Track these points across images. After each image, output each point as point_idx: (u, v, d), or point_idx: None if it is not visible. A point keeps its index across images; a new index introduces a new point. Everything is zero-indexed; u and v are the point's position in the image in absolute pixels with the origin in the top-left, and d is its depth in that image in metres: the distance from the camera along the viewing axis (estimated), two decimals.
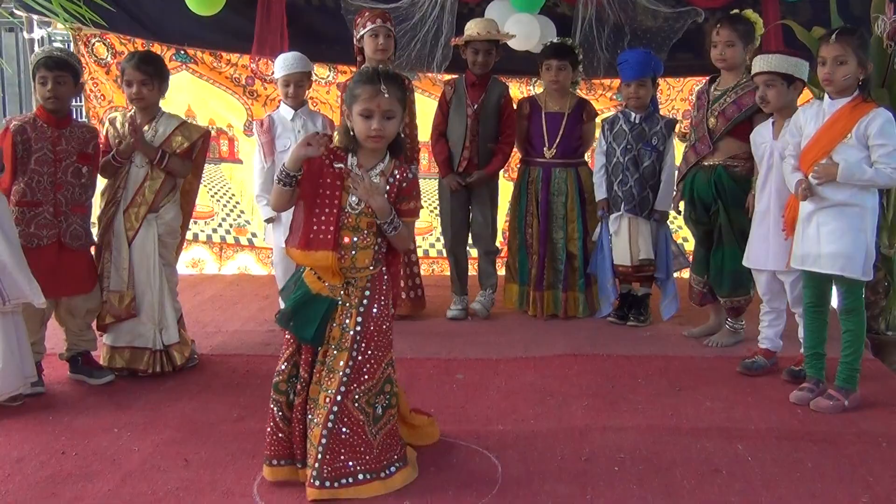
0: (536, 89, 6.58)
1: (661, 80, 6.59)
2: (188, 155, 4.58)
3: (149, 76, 4.48)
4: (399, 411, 3.42)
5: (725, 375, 4.55)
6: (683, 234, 6.04)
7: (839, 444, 3.64)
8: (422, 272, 5.87)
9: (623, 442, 3.66)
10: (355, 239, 3.26)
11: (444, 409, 4.01)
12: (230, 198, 7.06)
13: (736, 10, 4.94)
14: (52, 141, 4.26)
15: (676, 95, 6.80)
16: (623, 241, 5.42)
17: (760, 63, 4.48)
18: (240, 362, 4.75)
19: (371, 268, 3.31)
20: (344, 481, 3.17)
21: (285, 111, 5.25)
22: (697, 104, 5.06)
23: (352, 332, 3.23)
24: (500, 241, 6.10)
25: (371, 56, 5.29)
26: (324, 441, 3.15)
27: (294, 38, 6.39)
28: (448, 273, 6.19)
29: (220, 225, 7.09)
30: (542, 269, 5.65)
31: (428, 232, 7.06)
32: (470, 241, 5.89)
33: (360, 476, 3.19)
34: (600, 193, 5.50)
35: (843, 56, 3.90)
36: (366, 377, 3.23)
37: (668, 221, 5.53)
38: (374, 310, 3.29)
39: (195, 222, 6.90)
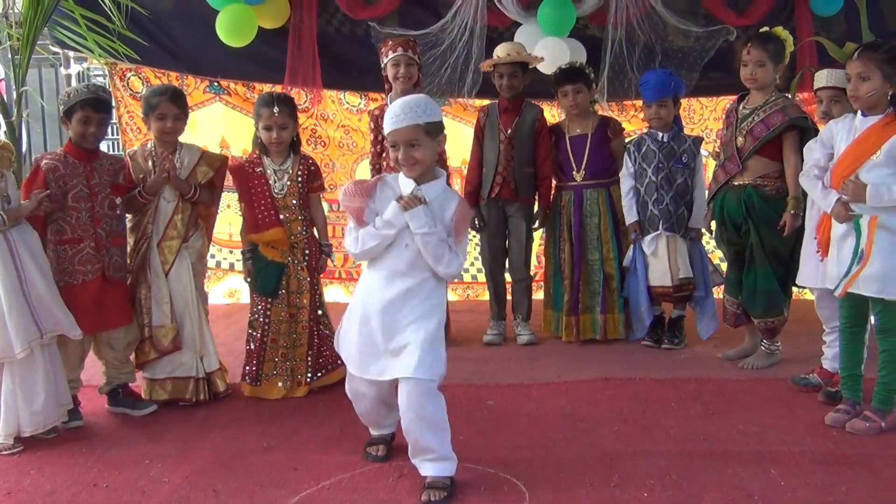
0: None
1: (694, 100, 6.63)
2: (212, 184, 4.70)
3: (181, 110, 4.60)
4: None
5: (760, 398, 4.50)
6: (720, 255, 6.00)
7: (875, 468, 3.58)
8: (455, 297, 5.88)
9: (653, 468, 3.63)
10: (287, 215, 4.62)
11: (473, 437, 4.02)
12: None
13: (766, 28, 4.90)
14: (85, 176, 4.34)
15: (710, 115, 6.78)
16: (662, 261, 5.40)
17: (827, 77, 4.47)
18: None
19: (304, 232, 4.69)
20: (322, 372, 4.73)
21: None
22: (726, 122, 5.05)
23: (308, 280, 4.67)
24: (534, 265, 6.10)
25: (393, 84, 5.35)
26: (310, 353, 4.67)
27: (325, 67, 6.51)
28: (482, 297, 6.21)
29: None
30: (576, 293, 5.64)
31: None
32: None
33: (329, 367, 4.74)
34: (631, 216, 5.48)
35: (866, 72, 3.87)
36: (317, 306, 4.72)
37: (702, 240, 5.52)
38: (312, 262, 4.71)
39: (231, 252, 7.01)
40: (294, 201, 4.65)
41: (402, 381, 3.34)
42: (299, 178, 4.66)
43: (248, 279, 4.75)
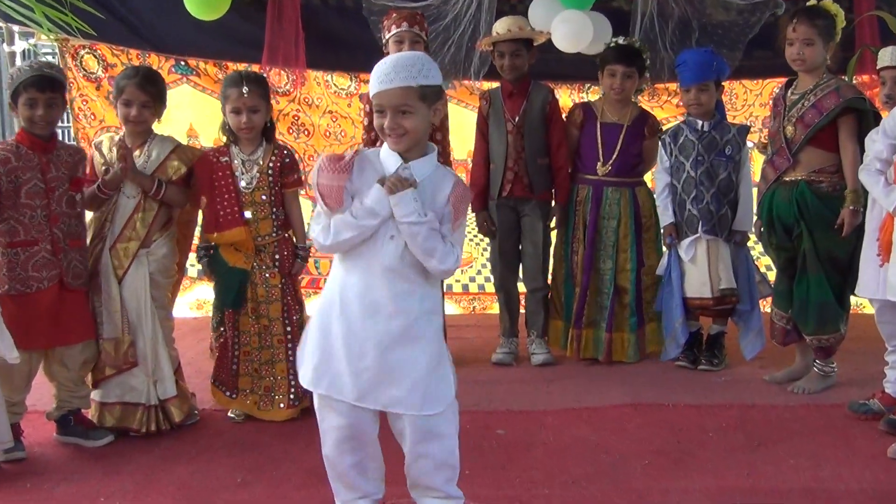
0: (590, 96, 6.59)
1: (737, 83, 6.63)
2: (185, 182, 4.67)
3: (151, 98, 4.59)
4: None
5: (813, 427, 4.50)
6: (766, 262, 6.00)
7: None
8: (459, 310, 5.86)
9: None
10: (255, 212, 4.64)
11: (482, 471, 4.00)
12: None
13: (813, 2, 4.90)
14: (41, 169, 4.31)
15: (755, 100, 6.79)
16: (701, 269, 5.38)
17: (892, 56, 4.50)
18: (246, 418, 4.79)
19: (275, 234, 4.70)
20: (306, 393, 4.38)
21: None
22: (774, 112, 5.06)
23: (279, 287, 4.68)
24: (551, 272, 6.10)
25: None
26: (291, 371, 4.57)
27: (310, 44, 6.49)
28: (491, 311, 6.20)
29: None
30: (582, 304, 5.64)
31: (468, 264, 7.07)
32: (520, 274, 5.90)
33: None
34: (667, 218, 5.47)
35: None
36: (295, 317, 4.71)
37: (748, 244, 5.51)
38: (284, 267, 4.70)
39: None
40: (264, 197, 4.66)
41: (406, 416, 3.23)
42: (270, 171, 4.67)
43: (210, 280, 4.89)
